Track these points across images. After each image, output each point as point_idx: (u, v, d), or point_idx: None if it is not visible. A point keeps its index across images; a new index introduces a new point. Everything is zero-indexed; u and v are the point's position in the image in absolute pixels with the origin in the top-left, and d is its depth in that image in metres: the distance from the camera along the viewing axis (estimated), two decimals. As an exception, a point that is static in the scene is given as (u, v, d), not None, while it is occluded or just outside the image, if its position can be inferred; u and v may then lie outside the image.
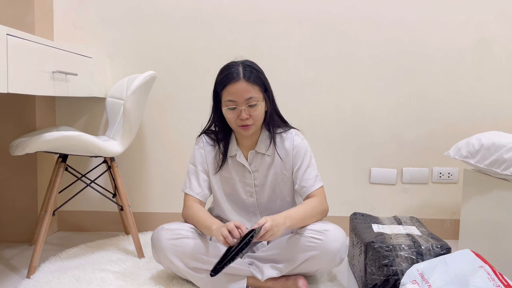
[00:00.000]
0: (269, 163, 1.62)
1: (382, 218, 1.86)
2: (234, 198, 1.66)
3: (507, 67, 2.19)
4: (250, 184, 1.62)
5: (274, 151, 1.61)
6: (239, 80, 1.47)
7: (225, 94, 1.49)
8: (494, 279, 1.23)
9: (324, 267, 1.51)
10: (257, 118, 1.51)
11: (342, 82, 2.20)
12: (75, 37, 2.17)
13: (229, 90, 1.48)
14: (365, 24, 2.17)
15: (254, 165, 1.62)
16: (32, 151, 1.56)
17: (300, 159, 1.59)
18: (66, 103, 2.21)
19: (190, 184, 1.62)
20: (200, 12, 2.17)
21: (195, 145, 1.67)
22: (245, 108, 1.48)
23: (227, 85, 1.48)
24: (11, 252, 1.92)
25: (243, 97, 1.47)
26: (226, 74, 1.50)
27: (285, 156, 1.61)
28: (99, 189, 2.03)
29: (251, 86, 1.48)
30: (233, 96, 1.47)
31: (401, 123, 2.22)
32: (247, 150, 1.62)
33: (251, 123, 1.50)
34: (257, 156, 1.62)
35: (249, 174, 1.62)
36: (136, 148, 2.22)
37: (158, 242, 1.49)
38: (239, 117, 1.49)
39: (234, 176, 1.63)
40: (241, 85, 1.47)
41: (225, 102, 1.50)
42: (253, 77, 1.49)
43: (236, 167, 1.63)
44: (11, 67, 1.34)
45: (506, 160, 1.60)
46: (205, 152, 1.64)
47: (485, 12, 2.16)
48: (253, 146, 1.62)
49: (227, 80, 1.48)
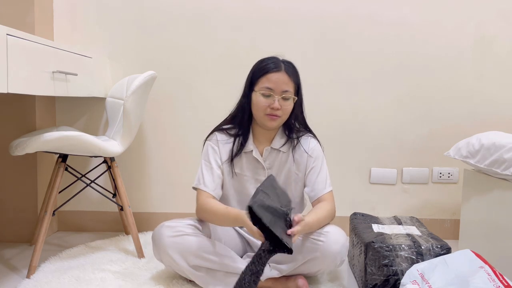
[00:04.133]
0: (284, 161, 1.63)
1: (382, 218, 1.86)
2: (243, 195, 1.63)
3: (507, 67, 2.19)
4: (262, 180, 1.62)
5: (289, 150, 1.63)
6: (280, 71, 1.53)
7: (264, 80, 1.52)
8: (494, 279, 1.23)
9: (324, 268, 1.52)
10: (286, 112, 1.55)
11: (342, 82, 2.20)
12: (75, 37, 2.17)
13: (269, 77, 1.52)
14: (366, 23, 2.17)
15: (269, 162, 1.62)
16: (32, 151, 1.56)
17: (314, 162, 1.62)
18: (66, 103, 2.21)
19: (204, 180, 1.58)
20: (200, 12, 2.17)
21: (207, 141, 1.65)
22: (279, 98, 1.51)
23: (268, 73, 1.52)
24: (11, 252, 1.92)
25: (281, 87, 1.51)
26: (268, 63, 1.55)
27: (300, 157, 1.63)
28: (99, 189, 2.03)
29: (290, 81, 1.54)
30: (272, 84, 1.51)
31: (401, 123, 2.22)
32: (263, 147, 1.62)
33: (279, 115, 1.53)
34: (272, 152, 1.62)
35: (263, 171, 1.62)
36: (136, 148, 2.22)
37: (159, 239, 1.49)
38: (270, 106, 1.51)
39: (246, 172, 1.62)
40: (282, 76, 1.52)
41: (261, 88, 1.52)
42: (292, 73, 1.56)
43: (249, 163, 1.62)
44: (11, 67, 1.34)
45: (506, 160, 1.60)
46: (220, 149, 1.62)
47: (485, 12, 2.16)
48: (269, 143, 1.63)
49: (269, 68, 1.53)
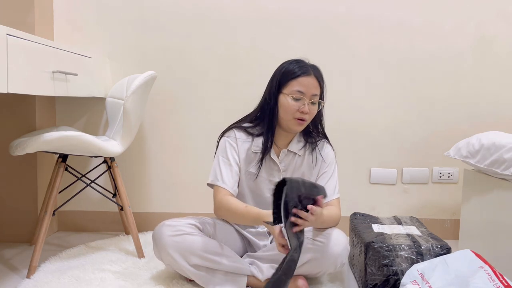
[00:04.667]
0: (299, 164, 1.63)
1: (382, 218, 1.86)
2: (256, 195, 1.64)
3: (507, 67, 2.19)
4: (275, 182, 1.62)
5: (304, 153, 1.64)
6: (311, 75, 1.54)
7: (295, 84, 1.52)
8: (494, 279, 1.23)
9: (324, 270, 1.51)
10: (312, 116, 1.56)
11: (343, 82, 2.20)
12: (75, 37, 2.17)
13: (301, 81, 1.52)
14: (366, 24, 2.17)
15: (284, 164, 1.63)
16: (32, 151, 1.56)
17: (326, 167, 1.64)
18: (66, 103, 2.21)
19: (222, 177, 1.55)
20: (200, 12, 2.16)
21: (224, 138, 1.62)
22: (309, 102, 1.52)
23: (300, 76, 1.52)
24: (11, 252, 1.92)
25: (311, 91, 1.52)
26: (299, 66, 1.54)
27: (314, 162, 1.64)
28: (99, 189, 2.02)
29: (318, 86, 1.55)
30: (303, 87, 1.51)
31: (401, 123, 2.22)
32: (280, 149, 1.63)
33: (307, 119, 1.54)
34: (288, 155, 1.63)
35: (278, 173, 1.62)
36: (136, 148, 2.22)
37: (160, 238, 1.49)
38: (299, 110, 1.51)
39: (262, 173, 1.61)
40: (313, 80, 1.53)
41: (292, 91, 1.52)
42: (321, 78, 1.57)
43: (266, 164, 1.61)
44: (11, 67, 1.34)
45: (506, 160, 1.60)
46: (238, 147, 1.61)
47: (485, 12, 2.16)
48: (286, 145, 1.63)
49: (301, 71, 1.53)
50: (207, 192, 1.62)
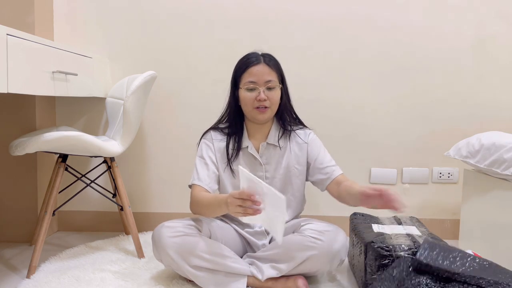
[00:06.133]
0: (281, 155, 1.64)
1: (382, 218, 1.85)
2: None
3: (507, 67, 2.19)
4: (261, 176, 1.62)
5: (286, 144, 1.65)
6: (259, 63, 1.57)
7: (246, 76, 1.56)
8: (494, 279, 1.22)
9: (323, 268, 1.51)
10: (273, 102, 1.57)
11: (343, 82, 2.20)
12: (75, 37, 2.17)
13: (250, 71, 1.56)
14: (365, 24, 2.17)
15: (266, 157, 1.64)
16: (32, 151, 1.56)
17: (317, 151, 1.66)
18: (66, 103, 2.21)
19: (198, 176, 1.59)
20: (200, 12, 2.17)
21: (202, 139, 1.68)
22: (264, 89, 1.54)
23: (248, 68, 1.56)
24: (11, 252, 1.92)
25: (263, 78, 1.55)
26: (247, 59, 1.59)
27: (299, 150, 1.66)
28: (99, 189, 2.03)
29: (271, 70, 1.57)
30: (254, 77, 1.55)
31: (401, 123, 2.22)
32: (258, 143, 1.64)
33: (268, 106, 1.56)
34: (268, 148, 1.64)
35: (260, 167, 1.63)
36: (136, 148, 2.22)
37: (159, 239, 1.49)
38: (257, 98, 1.54)
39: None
40: (262, 68, 1.56)
41: (244, 83, 1.56)
42: (272, 63, 1.59)
43: (246, 160, 1.63)
44: (11, 67, 1.34)
45: (506, 160, 1.60)
46: (214, 147, 1.65)
47: (485, 13, 2.16)
48: (264, 138, 1.65)
49: (248, 63, 1.57)
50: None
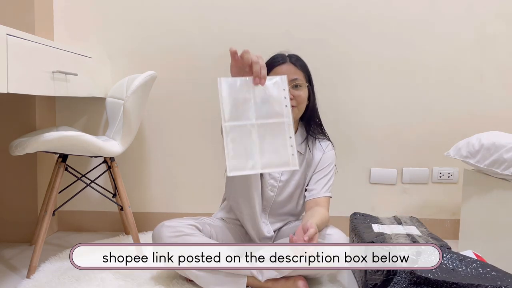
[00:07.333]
0: (301, 161, 1.63)
1: (382, 218, 1.86)
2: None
3: (507, 67, 2.19)
4: (276, 178, 1.62)
5: (306, 150, 1.64)
6: (285, 63, 1.55)
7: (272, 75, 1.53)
8: (494, 279, 1.22)
9: (324, 271, 1.51)
10: (300, 101, 1.55)
11: (342, 82, 2.20)
12: (75, 37, 2.17)
13: (276, 71, 1.53)
14: (365, 23, 2.17)
15: None
16: (32, 151, 1.56)
17: (325, 165, 1.64)
18: (66, 103, 2.21)
19: None
20: (200, 12, 2.17)
21: None
22: (290, 88, 1.51)
23: (274, 68, 1.54)
24: (11, 252, 1.92)
25: (289, 77, 1.50)
26: (272, 60, 1.57)
27: (313, 159, 1.64)
28: (99, 189, 2.02)
29: (297, 69, 1.55)
30: None
31: (401, 123, 2.22)
32: None
33: (294, 105, 1.53)
34: None
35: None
36: (136, 148, 2.22)
37: (159, 239, 1.49)
38: None
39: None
40: (288, 67, 1.54)
41: None
42: (299, 63, 1.57)
43: None
44: (11, 67, 1.34)
45: (506, 160, 1.60)
46: None
47: (485, 12, 2.16)
48: None
49: (274, 63, 1.55)
50: (207, 192, 1.62)
